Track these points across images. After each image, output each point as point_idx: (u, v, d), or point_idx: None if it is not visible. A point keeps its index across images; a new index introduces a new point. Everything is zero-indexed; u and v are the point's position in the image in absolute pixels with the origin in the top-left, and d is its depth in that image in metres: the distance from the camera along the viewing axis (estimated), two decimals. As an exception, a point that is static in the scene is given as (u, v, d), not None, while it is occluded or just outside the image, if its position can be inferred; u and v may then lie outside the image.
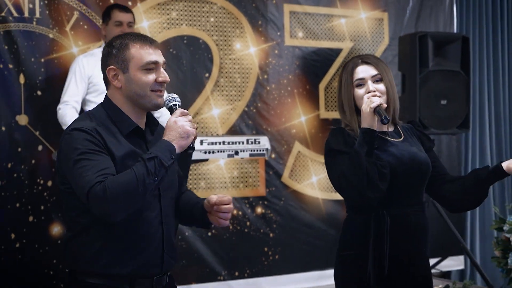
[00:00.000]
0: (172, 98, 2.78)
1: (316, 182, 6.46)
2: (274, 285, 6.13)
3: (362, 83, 3.18)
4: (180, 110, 2.71)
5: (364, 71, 3.18)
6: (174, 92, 5.41)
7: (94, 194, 2.53)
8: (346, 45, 6.73)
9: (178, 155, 2.65)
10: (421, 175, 3.18)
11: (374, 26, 6.88)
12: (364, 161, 2.98)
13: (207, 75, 6.09)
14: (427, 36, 6.21)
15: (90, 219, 2.67)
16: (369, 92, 3.12)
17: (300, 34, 6.50)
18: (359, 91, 3.17)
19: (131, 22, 5.24)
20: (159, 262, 2.75)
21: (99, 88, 5.12)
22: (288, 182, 6.35)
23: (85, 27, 5.57)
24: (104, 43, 5.24)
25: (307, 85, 6.49)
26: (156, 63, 2.76)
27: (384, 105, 3.10)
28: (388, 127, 3.25)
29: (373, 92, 3.12)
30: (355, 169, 2.98)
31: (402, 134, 3.26)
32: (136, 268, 2.69)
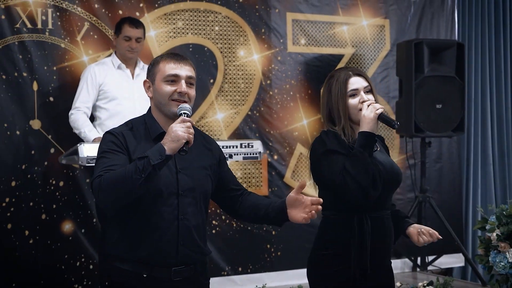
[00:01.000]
0: (183, 107, 3.07)
1: (317, 183, 6.73)
2: (276, 280, 6.41)
3: (356, 93, 3.41)
4: (181, 118, 2.99)
5: (357, 83, 3.42)
6: None
7: (93, 185, 2.96)
8: (348, 51, 7.00)
9: (170, 156, 2.93)
10: (397, 183, 3.47)
11: (376, 33, 7.15)
12: (370, 162, 3.25)
13: (212, 81, 6.41)
14: (423, 43, 6.48)
15: (113, 213, 3.07)
16: (364, 101, 3.37)
17: (303, 41, 6.79)
18: (353, 101, 3.40)
19: (140, 38, 5.53)
20: (174, 254, 3.07)
21: (109, 95, 5.47)
22: (290, 183, 6.64)
23: (95, 37, 5.91)
24: (114, 53, 5.60)
25: (309, 90, 6.78)
26: (177, 76, 3.11)
27: (386, 112, 3.37)
28: None
29: (371, 101, 3.37)
30: (361, 169, 3.23)
31: (378, 146, 3.49)
32: (150, 255, 3.03)
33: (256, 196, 3.36)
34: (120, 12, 5.97)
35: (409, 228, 3.47)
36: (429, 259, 6.95)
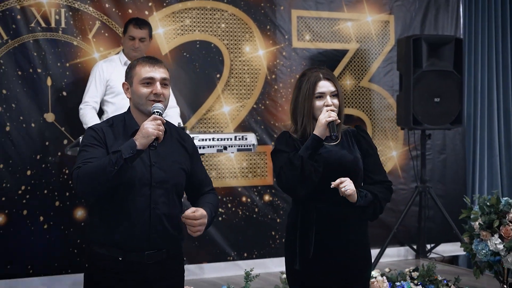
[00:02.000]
0: (156, 107, 3.37)
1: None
2: (280, 266, 6.52)
3: (322, 96, 3.68)
4: (153, 116, 3.29)
5: (325, 86, 3.68)
6: (188, 91, 6.30)
7: (73, 176, 3.27)
8: (352, 46, 7.27)
9: (142, 151, 3.22)
10: (348, 175, 3.62)
11: (380, 28, 7.39)
12: (301, 164, 3.52)
13: (218, 76, 6.73)
14: (421, 39, 6.73)
15: (94, 201, 3.41)
16: (328, 106, 3.64)
17: (307, 37, 7.07)
18: (318, 103, 3.68)
19: (143, 38, 5.84)
20: (146, 239, 3.37)
21: (115, 90, 5.79)
22: (294, 172, 6.91)
23: (106, 35, 6.27)
24: (122, 50, 5.95)
25: (314, 84, 7.04)
26: (152, 79, 3.42)
27: (338, 121, 3.62)
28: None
29: (332, 107, 3.64)
30: (292, 168, 3.53)
31: (339, 138, 3.76)
32: (124, 240, 3.33)
33: (204, 197, 3.61)
34: (130, 11, 6.32)
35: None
36: (429, 247, 7.21)
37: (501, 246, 5.05)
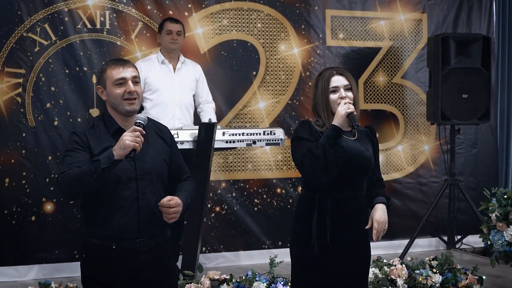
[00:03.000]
0: (138, 117, 3.59)
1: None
2: None
3: (336, 90, 3.94)
4: (133, 127, 3.52)
5: (338, 81, 3.93)
6: (225, 88, 6.70)
7: (58, 180, 3.52)
8: (385, 44, 7.53)
9: (119, 161, 3.45)
10: (363, 169, 3.95)
11: (413, 27, 7.64)
12: (324, 152, 3.78)
13: (254, 73, 7.07)
14: (449, 37, 6.97)
15: (86, 196, 3.66)
16: (342, 98, 3.90)
17: (341, 36, 7.36)
18: (333, 96, 3.94)
19: (180, 31, 6.27)
20: (136, 228, 3.64)
21: (153, 88, 6.19)
22: (327, 165, 7.21)
23: (148, 35, 6.66)
24: (159, 50, 6.33)
25: (347, 80, 7.33)
26: (124, 79, 3.65)
27: (355, 112, 3.88)
28: (346, 128, 4.02)
29: (347, 99, 3.90)
30: (315, 157, 3.76)
31: (357, 135, 4.02)
32: (116, 231, 3.60)
33: (181, 185, 3.84)
34: (170, 13, 6.70)
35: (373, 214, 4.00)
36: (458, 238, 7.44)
37: (516, 237, 5.30)
